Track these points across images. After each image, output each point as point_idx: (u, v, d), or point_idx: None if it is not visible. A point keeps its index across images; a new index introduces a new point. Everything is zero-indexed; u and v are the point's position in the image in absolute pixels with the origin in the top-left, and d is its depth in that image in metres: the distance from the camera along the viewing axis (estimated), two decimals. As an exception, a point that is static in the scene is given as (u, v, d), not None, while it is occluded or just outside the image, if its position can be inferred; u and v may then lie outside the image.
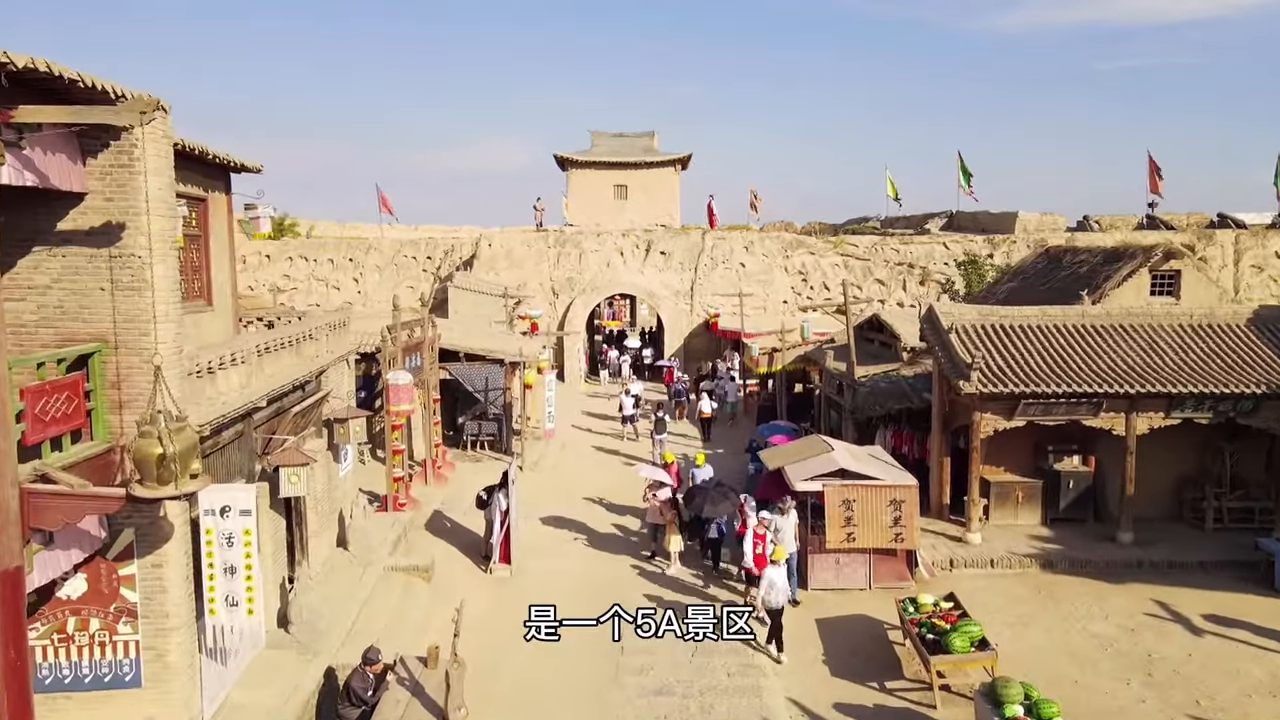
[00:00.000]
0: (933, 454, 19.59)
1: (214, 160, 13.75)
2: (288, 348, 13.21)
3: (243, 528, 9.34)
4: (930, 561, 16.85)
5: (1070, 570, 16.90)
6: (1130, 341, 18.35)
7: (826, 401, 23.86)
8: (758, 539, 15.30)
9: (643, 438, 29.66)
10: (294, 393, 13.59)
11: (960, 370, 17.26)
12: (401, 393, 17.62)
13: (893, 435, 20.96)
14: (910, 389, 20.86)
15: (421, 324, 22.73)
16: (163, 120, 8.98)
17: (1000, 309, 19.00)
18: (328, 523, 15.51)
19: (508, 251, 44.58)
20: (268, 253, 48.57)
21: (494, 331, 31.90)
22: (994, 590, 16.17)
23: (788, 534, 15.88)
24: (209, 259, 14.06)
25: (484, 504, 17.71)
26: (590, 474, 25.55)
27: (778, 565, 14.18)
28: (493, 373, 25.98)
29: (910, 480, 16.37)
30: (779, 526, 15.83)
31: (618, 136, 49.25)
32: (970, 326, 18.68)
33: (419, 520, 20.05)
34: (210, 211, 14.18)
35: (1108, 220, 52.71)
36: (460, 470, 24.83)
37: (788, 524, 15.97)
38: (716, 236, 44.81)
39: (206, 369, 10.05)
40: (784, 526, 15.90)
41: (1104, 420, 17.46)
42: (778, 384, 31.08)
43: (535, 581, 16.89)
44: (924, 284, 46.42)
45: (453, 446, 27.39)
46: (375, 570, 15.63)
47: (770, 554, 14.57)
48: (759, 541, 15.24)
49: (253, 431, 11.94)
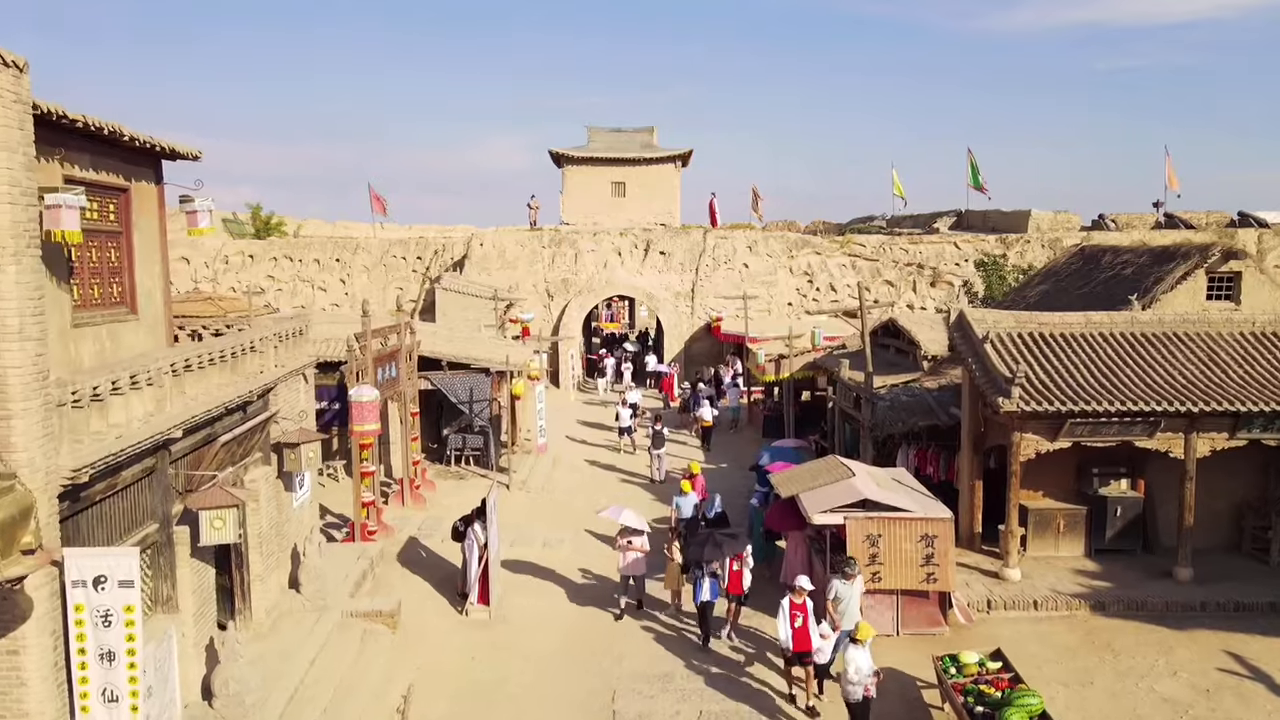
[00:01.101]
0: (962, 477, 17.59)
1: (137, 144, 11.72)
2: (218, 364, 11.19)
3: (123, 602, 7.34)
4: (966, 603, 14.83)
5: (1125, 613, 14.88)
6: (1187, 352, 16.34)
7: (841, 415, 21.81)
8: (795, 610, 12.03)
9: (640, 450, 27.67)
10: (228, 416, 11.58)
11: (998, 385, 15.25)
12: (366, 411, 15.61)
13: (915, 454, 18.93)
14: (935, 404, 18.85)
15: (398, 330, 20.74)
16: (14, 80, 6.97)
17: (1039, 315, 16.98)
18: (277, 563, 13.50)
19: (500, 252, 42.57)
20: (251, 253, 46.70)
21: (483, 337, 29.90)
22: (1040, 638, 14.15)
23: (853, 605, 12.71)
24: (132, 259, 12.04)
25: (460, 536, 15.69)
26: (584, 493, 23.52)
27: (860, 645, 10.95)
28: (478, 382, 23.96)
29: (944, 512, 14.34)
30: (840, 594, 12.71)
31: (615, 132, 47.20)
32: (1006, 335, 16.67)
33: (391, 550, 18.05)
34: (134, 204, 12.16)
35: (1124, 219, 50.83)
36: (442, 490, 22.83)
37: (853, 592, 12.80)
38: (718, 236, 42.80)
39: (90, 396, 8.03)
40: (848, 595, 12.72)
41: (1160, 441, 15.45)
42: (785, 393, 29.06)
43: (517, 627, 14.88)
44: (935, 285, 44.49)
45: (436, 461, 25.44)
46: (331, 617, 13.61)
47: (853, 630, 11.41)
48: (797, 614, 12.03)
49: (168, 467, 9.93)
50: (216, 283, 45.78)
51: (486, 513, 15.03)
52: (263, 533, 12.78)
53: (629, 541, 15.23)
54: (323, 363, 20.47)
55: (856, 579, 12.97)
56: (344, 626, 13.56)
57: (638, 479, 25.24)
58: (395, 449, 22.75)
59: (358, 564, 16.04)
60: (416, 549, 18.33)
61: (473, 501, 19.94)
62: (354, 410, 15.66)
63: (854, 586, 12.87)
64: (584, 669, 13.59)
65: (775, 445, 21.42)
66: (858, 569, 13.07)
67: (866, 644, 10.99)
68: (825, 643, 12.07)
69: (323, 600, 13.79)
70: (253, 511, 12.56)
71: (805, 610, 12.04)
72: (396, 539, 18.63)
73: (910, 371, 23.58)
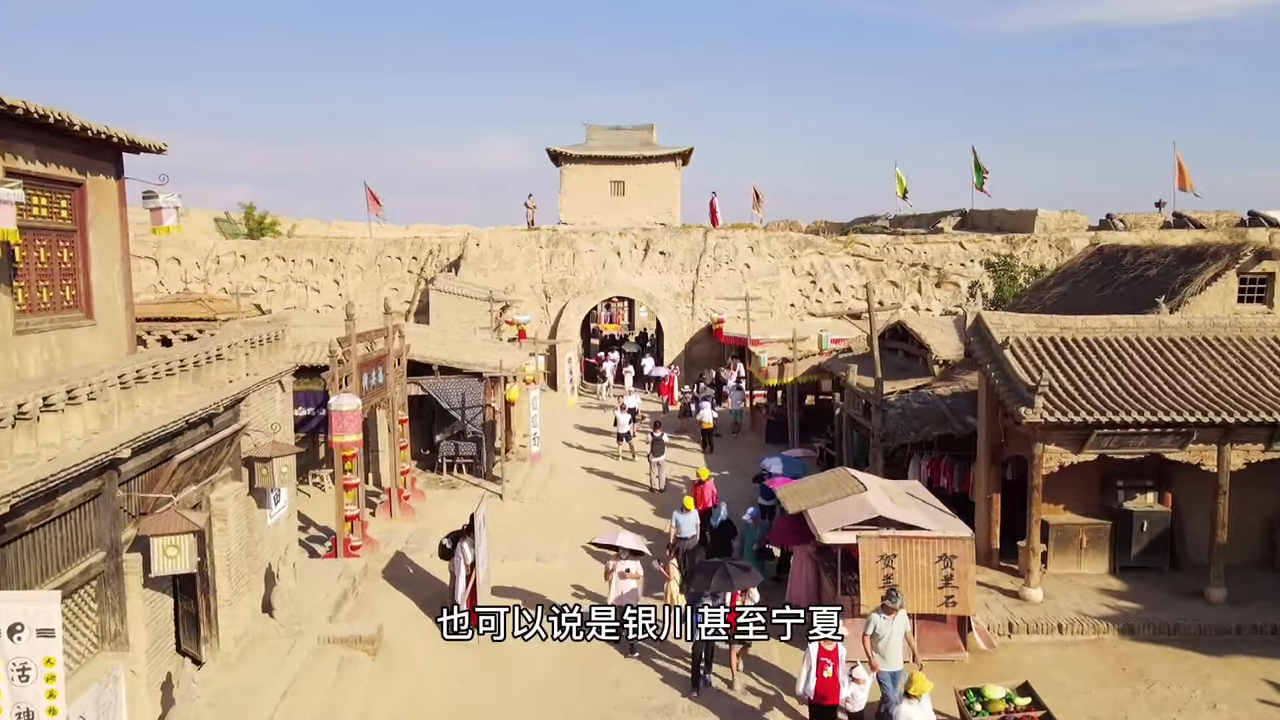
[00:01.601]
0: (978, 489, 16.67)
1: (90, 134, 10.82)
2: (178, 374, 10.27)
3: (42, 654, 6.42)
4: (985, 626, 13.91)
5: (1155, 637, 13.94)
6: (1219, 359, 15.41)
7: (848, 422, 20.87)
8: (824, 658, 10.62)
9: (640, 456, 26.74)
10: (191, 430, 10.66)
11: (1020, 394, 14.32)
12: (347, 421, 14.68)
13: (928, 464, 18.02)
14: (949, 412, 17.92)
15: (385, 334, 19.81)
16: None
17: (1062, 319, 16.04)
18: (248, 585, 12.58)
19: (497, 252, 41.65)
20: (243, 253, 45.82)
21: (477, 339, 28.99)
22: (1067, 665, 13.22)
23: (895, 644, 11.31)
24: (87, 259, 11.15)
25: (448, 554, 14.75)
26: (580, 504, 22.57)
27: (916, 701, 9.56)
28: (470, 387, 23.03)
29: (964, 531, 13.41)
30: (879, 630, 11.23)
31: (614, 130, 46.22)
32: (1026, 340, 15.74)
33: (376, 565, 17.12)
34: (90, 199, 11.26)
35: (1132, 219, 49.99)
36: (432, 500, 21.89)
37: (895, 629, 11.28)
38: (719, 236, 41.87)
39: (15, 415, 7.11)
40: (889, 632, 11.25)
41: (1192, 454, 14.52)
42: (789, 397, 28.13)
43: (506, 652, 13.87)
44: (940, 286, 43.61)
45: (429, 469, 24.51)
46: (307, 643, 12.69)
47: (905, 683, 10.08)
48: (826, 662, 10.62)
49: (116, 489, 9.00)
50: (208, 283, 44.93)
51: (475, 530, 14.09)
52: (231, 555, 11.87)
53: (626, 570, 14.16)
54: (309, 367, 19.60)
55: (899, 613, 11.40)
56: (320, 653, 12.64)
57: (636, 487, 24.32)
58: (384, 458, 21.82)
59: (339, 583, 15.12)
60: (403, 564, 17.41)
61: (464, 512, 19.02)
62: (334, 420, 14.73)
63: (896, 623, 11.37)
64: (578, 696, 12.69)
65: (780, 454, 20.46)
66: (901, 601, 11.50)
67: (924, 699, 9.58)
68: (860, 689, 10.76)
69: (298, 625, 12.87)
70: (220, 532, 11.66)
71: (836, 658, 10.64)
72: (382, 554, 17.70)
73: (920, 376, 22.67)
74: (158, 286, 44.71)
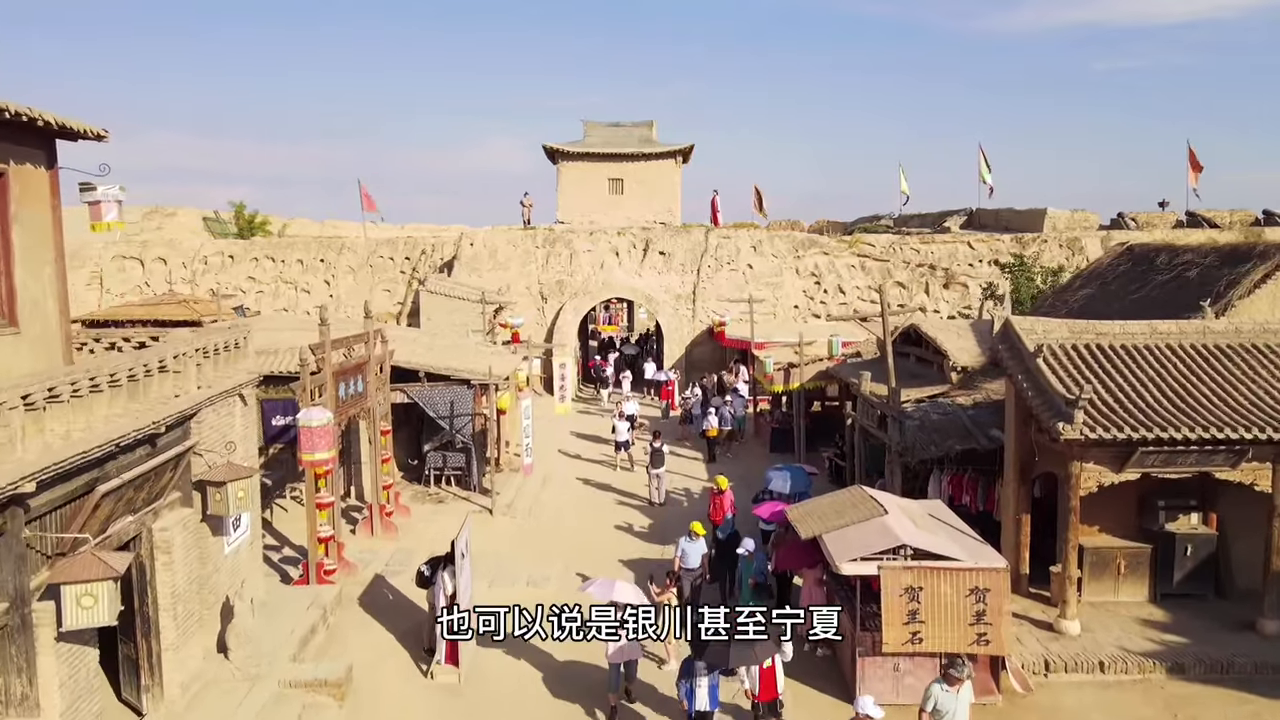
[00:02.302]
0: (1006, 510, 15.35)
1: (16, 118, 9.52)
2: (106, 390, 8.95)
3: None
4: (1020, 665, 12.58)
5: (1207, 677, 12.60)
6: (1272, 368, 14.09)
7: (861, 432, 19.51)
8: None
9: (640, 465, 25.43)
10: (125, 454, 9.33)
11: (1056, 408, 13.00)
12: (317, 437, 13.34)
13: (949, 481, 16.66)
14: (972, 424, 16.60)
15: (365, 339, 18.48)
16: None
17: (1097, 325, 14.72)
18: (200, 624, 11.28)
19: (492, 252, 40.33)
20: (231, 253, 44.49)
21: (469, 343, 27.67)
22: (1112, 710, 11.91)
23: None
24: (9, 259, 9.83)
25: (426, 582, 13.44)
26: (575, 518, 21.26)
27: None
28: (459, 395, 21.69)
29: (998, 560, 12.08)
30: (941, 705, 9.78)
31: (613, 126, 44.85)
32: (1059, 347, 14.42)
33: (352, 591, 15.81)
34: (14, 191, 9.95)
35: (1144, 218, 48.83)
36: (418, 515, 20.58)
37: (960, 704, 9.84)
38: (721, 235, 40.54)
39: None
40: (952, 708, 9.78)
41: (1244, 473, 13.22)
42: (795, 404, 26.80)
43: (491, 693, 12.62)
44: (948, 287, 42.34)
45: (416, 480, 23.21)
46: (266, 687, 11.37)
47: None
48: None
49: (21, 529, 7.68)
50: (195, 284, 43.63)
51: (455, 559, 12.76)
52: (178, 592, 10.56)
53: None
54: (281, 376, 18.29)
55: (965, 684, 9.87)
56: (280, 699, 11.32)
57: (635, 500, 22.99)
58: (366, 470, 20.51)
59: (309, 613, 13.81)
60: (382, 590, 16.08)
61: (452, 529, 17.70)
62: (303, 436, 13.40)
63: (961, 696, 9.85)
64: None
65: (786, 466, 19.08)
66: (968, 670, 9.96)
67: None
68: None
69: (256, 667, 11.54)
70: (164, 567, 10.35)
71: None
72: (360, 577, 16.38)
73: (935, 384, 21.34)
74: (143, 288, 43.48)
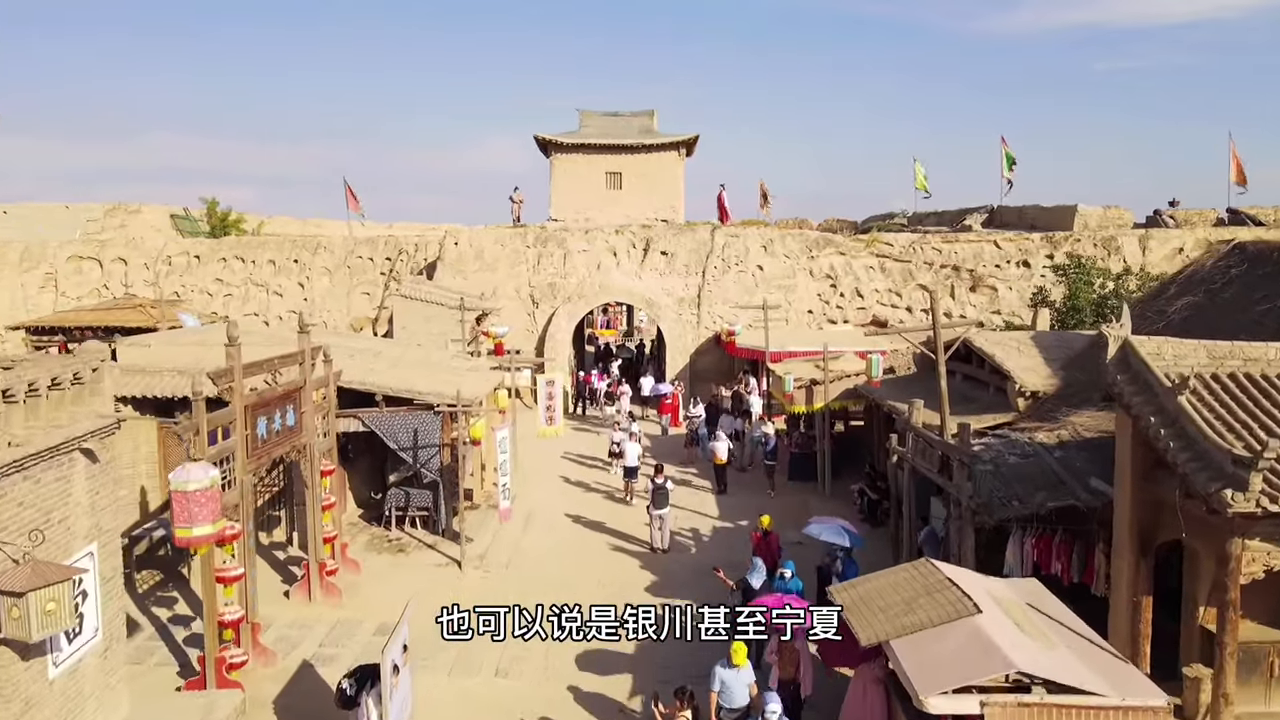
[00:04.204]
0: (1118, 587, 11.76)
1: None
2: None
3: None
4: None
5: None
6: None
7: (911, 474, 15.82)
8: None
9: (638, 500, 21.87)
10: None
11: (1214, 466, 9.42)
12: (194, 505, 9.66)
13: (1034, 543, 13.05)
14: (1064, 470, 13.00)
15: (300, 359, 14.89)
16: None
17: (1245, 348, 11.14)
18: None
19: (478, 252, 36.78)
20: (198, 253, 40.92)
21: (442, 358, 24.09)
22: None
23: None
24: None
25: (349, 702, 9.85)
26: (560, 570, 17.51)
27: None
28: (425, 422, 18.19)
29: (1156, 697, 8.46)
30: None
31: (610, 116, 41.31)
32: (1197, 378, 10.82)
33: (267, 691, 12.23)
34: None
35: (1183, 215, 45.46)
36: (371, 570, 16.98)
37: None
38: (728, 234, 36.95)
39: None
40: None
41: None
42: (820, 427, 23.23)
43: None
44: (975, 290, 38.82)
45: (375, 521, 19.66)
46: None
47: None
48: None
49: None
50: (158, 287, 40.15)
51: (384, 676, 9.17)
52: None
53: None
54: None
55: None
56: None
57: (633, 545, 19.36)
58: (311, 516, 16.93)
59: (192, 739, 10.24)
60: (306, 687, 12.45)
61: (410, 588, 14.58)
62: (176, 506, 9.72)
63: None
64: None
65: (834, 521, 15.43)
66: None
67: None
68: None
69: None
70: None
71: None
72: (279, 668, 12.79)
73: (994, 410, 17.77)
74: (102, 290, 40.05)
